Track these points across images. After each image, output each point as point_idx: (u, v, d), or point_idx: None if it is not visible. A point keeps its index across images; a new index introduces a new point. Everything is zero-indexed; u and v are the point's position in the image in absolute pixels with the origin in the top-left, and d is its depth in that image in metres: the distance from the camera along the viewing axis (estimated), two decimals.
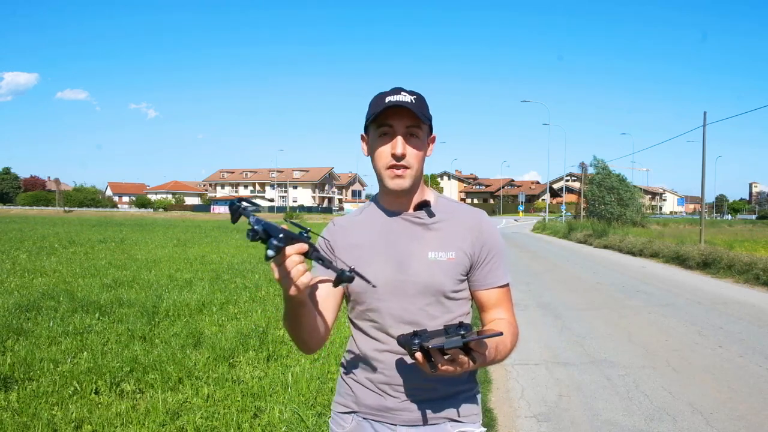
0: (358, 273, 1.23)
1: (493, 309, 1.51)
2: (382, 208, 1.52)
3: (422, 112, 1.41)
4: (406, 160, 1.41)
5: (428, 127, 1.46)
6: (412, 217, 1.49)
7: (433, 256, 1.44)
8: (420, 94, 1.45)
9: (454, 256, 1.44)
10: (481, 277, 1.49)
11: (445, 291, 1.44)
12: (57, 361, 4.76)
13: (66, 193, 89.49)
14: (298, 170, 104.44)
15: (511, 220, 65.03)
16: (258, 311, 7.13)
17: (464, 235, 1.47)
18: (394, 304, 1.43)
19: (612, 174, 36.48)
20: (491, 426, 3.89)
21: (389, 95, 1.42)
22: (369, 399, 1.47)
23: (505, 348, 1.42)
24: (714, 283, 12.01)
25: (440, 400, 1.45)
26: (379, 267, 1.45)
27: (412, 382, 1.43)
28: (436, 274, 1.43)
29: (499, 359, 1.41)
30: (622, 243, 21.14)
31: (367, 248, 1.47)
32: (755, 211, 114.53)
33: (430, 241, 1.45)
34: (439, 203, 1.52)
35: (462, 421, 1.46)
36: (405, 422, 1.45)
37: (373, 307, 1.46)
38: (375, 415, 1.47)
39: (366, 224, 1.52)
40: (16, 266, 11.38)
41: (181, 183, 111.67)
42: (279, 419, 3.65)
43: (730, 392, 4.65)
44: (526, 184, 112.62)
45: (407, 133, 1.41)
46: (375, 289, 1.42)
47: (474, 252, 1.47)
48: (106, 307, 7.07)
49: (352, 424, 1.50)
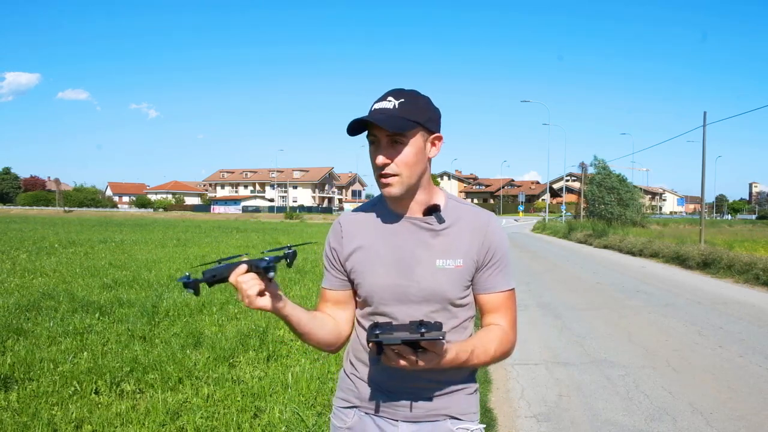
0: (293, 254, 1.30)
1: (491, 314, 1.49)
2: (389, 210, 1.50)
3: (404, 118, 1.36)
4: (391, 168, 1.38)
5: (424, 128, 1.40)
6: (420, 222, 1.46)
7: (441, 264, 1.42)
8: (411, 96, 1.40)
9: (462, 264, 1.43)
10: (482, 281, 1.47)
11: (451, 299, 1.43)
12: (57, 361, 4.75)
13: (66, 193, 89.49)
14: (298, 170, 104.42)
15: (511, 220, 65.02)
16: (258, 311, 7.12)
17: (471, 240, 1.45)
18: (399, 309, 1.43)
19: (612, 174, 36.47)
20: (491, 426, 3.89)
21: (377, 101, 1.40)
22: (370, 394, 1.49)
23: (485, 354, 1.41)
24: (714, 283, 12.01)
25: (440, 398, 1.46)
26: (383, 272, 1.44)
27: (412, 380, 1.43)
28: (443, 282, 1.42)
29: (475, 362, 1.40)
30: (622, 243, 21.15)
31: (372, 252, 1.47)
32: (755, 211, 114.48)
33: (438, 247, 1.44)
34: (448, 206, 1.49)
35: (461, 418, 1.47)
36: (405, 418, 1.46)
37: (379, 311, 1.46)
38: (376, 410, 1.49)
39: (372, 225, 1.50)
40: (16, 266, 11.38)
41: (181, 183, 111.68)
42: (279, 419, 3.65)
43: (730, 392, 4.64)
44: (526, 184, 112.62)
45: (390, 141, 1.38)
46: (381, 293, 1.45)
47: (479, 256, 1.45)
48: (106, 307, 7.06)
49: (354, 419, 1.51)
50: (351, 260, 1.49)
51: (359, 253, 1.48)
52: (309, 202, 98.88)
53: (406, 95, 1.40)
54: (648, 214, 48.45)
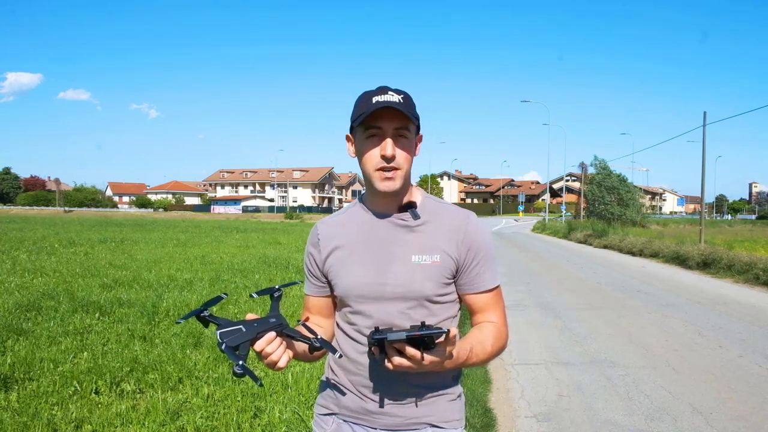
0: (323, 342, 1.30)
1: (483, 312, 1.48)
2: (368, 209, 1.49)
3: (411, 112, 1.38)
4: (396, 161, 1.38)
5: (416, 127, 1.42)
6: (396, 219, 1.45)
7: (417, 260, 1.41)
8: (407, 93, 1.41)
9: (439, 259, 1.41)
10: (468, 281, 1.45)
11: (427, 295, 1.41)
12: (57, 361, 4.75)
13: (66, 193, 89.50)
14: (298, 170, 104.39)
15: (511, 220, 65.01)
16: (258, 311, 7.13)
17: (449, 237, 1.43)
18: (373, 307, 1.42)
19: (613, 174, 36.47)
20: (491, 426, 3.89)
21: (376, 95, 1.37)
22: (349, 401, 1.46)
23: (483, 351, 1.40)
24: (714, 283, 12.00)
25: (421, 405, 1.43)
26: (358, 270, 1.43)
27: (391, 386, 1.41)
28: (418, 278, 1.40)
29: (475, 361, 1.39)
30: (622, 243, 21.14)
31: (348, 251, 1.46)
32: (755, 211, 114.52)
33: (413, 243, 1.43)
34: (425, 204, 1.48)
35: (442, 426, 1.44)
36: (384, 426, 1.43)
37: (354, 310, 1.45)
38: (355, 417, 1.46)
39: (349, 226, 1.50)
40: (17, 266, 11.38)
41: (181, 183, 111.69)
42: (279, 419, 3.65)
43: (730, 392, 4.65)
44: (526, 184, 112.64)
45: (396, 134, 1.38)
46: (356, 292, 1.44)
47: (460, 255, 1.43)
48: (106, 307, 7.06)
49: (333, 426, 1.49)
50: (328, 262, 1.48)
51: (336, 253, 1.47)
52: (309, 202, 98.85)
53: (402, 92, 1.41)
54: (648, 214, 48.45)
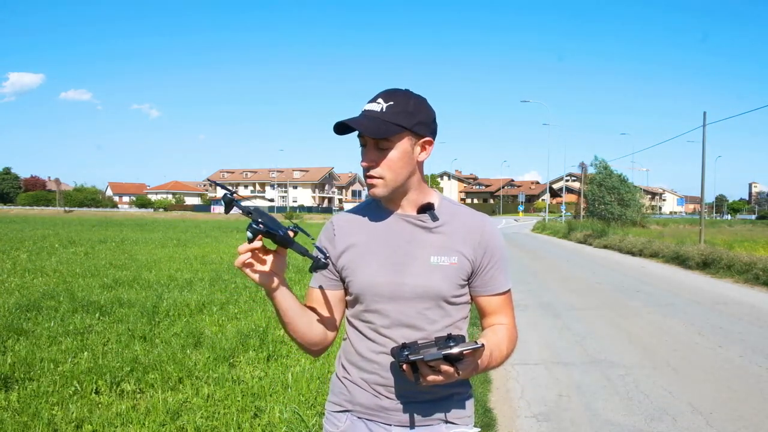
0: (332, 260, 1.30)
1: (494, 315, 1.50)
2: (383, 208, 1.50)
3: (389, 123, 1.35)
4: (375, 171, 1.39)
5: (411, 133, 1.39)
6: (414, 219, 1.46)
7: (436, 261, 1.42)
8: (403, 98, 1.39)
9: (456, 261, 1.43)
10: (482, 284, 1.47)
11: (444, 296, 1.43)
12: (57, 360, 4.76)
13: (66, 193, 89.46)
14: (298, 170, 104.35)
15: (511, 220, 65.01)
16: (258, 311, 7.14)
17: (466, 239, 1.45)
18: (390, 306, 1.42)
19: (613, 174, 36.45)
20: (491, 426, 3.89)
21: (368, 102, 1.40)
22: (364, 398, 1.47)
23: (500, 354, 1.43)
24: (714, 283, 12.00)
25: (434, 402, 1.45)
26: (376, 269, 1.43)
27: (406, 384, 1.41)
28: (437, 278, 1.41)
29: (494, 365, 1.43)
30: (622, 243, 21.14)
31: (365, 248, 1.46)
32: (755, 211, 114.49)
33: (432, 245, 1.44)
34: (442, 206, 1.49)
35: (456, 423, 1.46)
36: (399, 423, 1.44)
37: (371, 309, 1.45)
38: (369, 414, 1.46)
39: (366, 223, 1.49)
40: (17, 266, 11.38)
41: (181, 183, 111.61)
42: (279, 419, 3.65)
43: (730, 392, 4.65)
44: (526, 184, 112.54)
45: (376, 144, 1.39)
46: (374, 290, 1.43)
47: (476, 257, 1.45)
48: (106, 307, 7.07)
49: (347, 423, 1.49)
50: (343, 258, 1.48)
51: (352, 250, 1.47)
52: (309, 202, 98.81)
53: (397, 98, 1.39)
54: (648, 214, 48.40)
